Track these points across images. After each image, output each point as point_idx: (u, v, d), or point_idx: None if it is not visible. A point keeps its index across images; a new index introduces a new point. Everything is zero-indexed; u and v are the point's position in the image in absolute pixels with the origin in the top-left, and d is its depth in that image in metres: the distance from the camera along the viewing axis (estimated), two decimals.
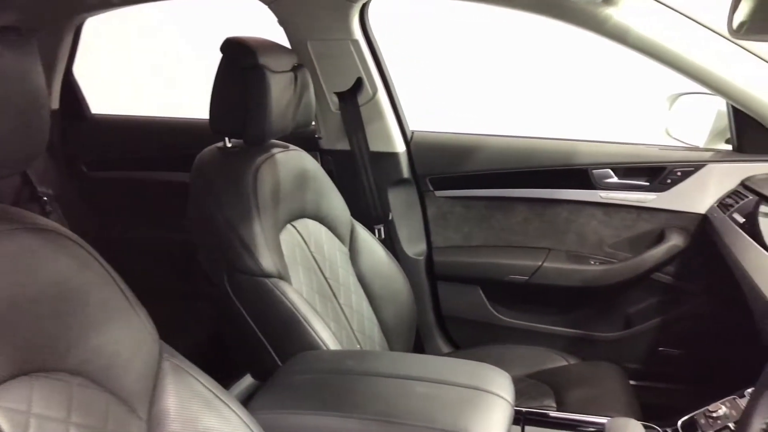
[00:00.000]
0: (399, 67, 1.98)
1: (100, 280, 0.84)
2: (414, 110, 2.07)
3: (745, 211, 1.55)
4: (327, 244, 1.63)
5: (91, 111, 2.38)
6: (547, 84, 3.01)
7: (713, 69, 1.57)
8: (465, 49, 3.05)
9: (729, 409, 1.14)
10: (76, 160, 2.34)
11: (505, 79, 3.08)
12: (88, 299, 0.81)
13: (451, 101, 3.00)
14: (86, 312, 0.80)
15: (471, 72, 3.09)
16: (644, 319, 1.91)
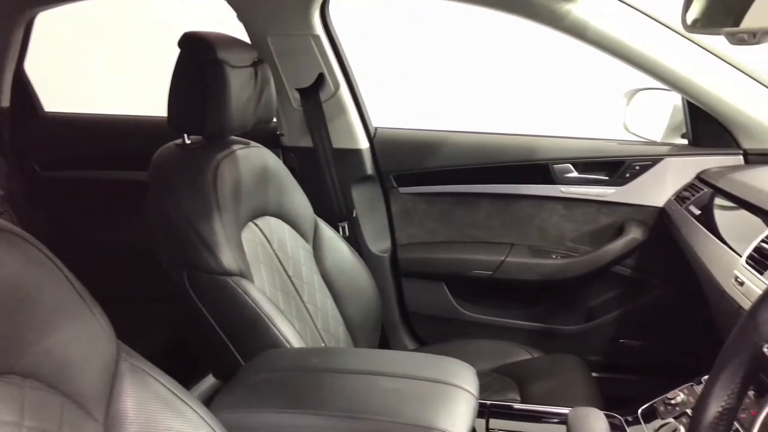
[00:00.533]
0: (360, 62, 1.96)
1: (53, 279, 0.81)
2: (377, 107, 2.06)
3: (700, 203, 1.59)
4: (290, 242, 1.61)
5: (44, 109, 2.31)
6: (506, 80, 3.03)
7: (669, 65, 1.60)
8: (427, 46, 3.06)
9: (687, 396, 1.17)
10: (28, 159, 2.27)
11: (466, 76, 3.09)
12: (40, 299, 0.78)
13: (414, 98, 3.01)
14: (38, 312, 0.77)
15: (435, 69, 3.10)
16: (605, 311, 1.95)
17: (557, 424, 1.18)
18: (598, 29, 1.57)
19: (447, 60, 3.07)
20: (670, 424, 1.10)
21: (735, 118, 1.66)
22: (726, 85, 1.62)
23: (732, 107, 1.64)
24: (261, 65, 1.47)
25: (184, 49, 1.36)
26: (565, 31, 1.61)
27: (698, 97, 1.65)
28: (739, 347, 0.72)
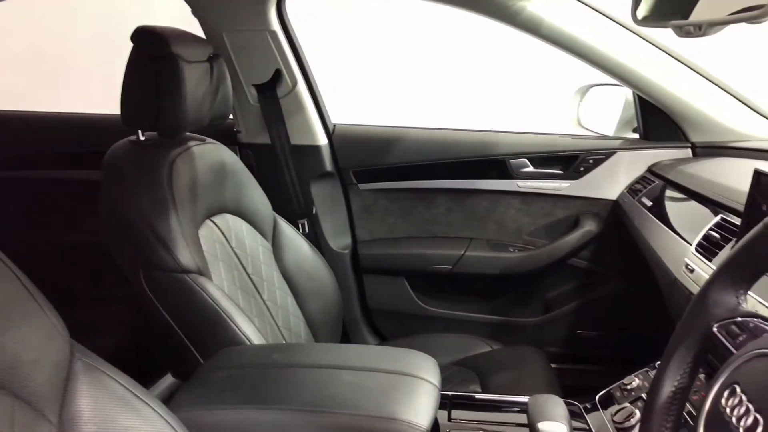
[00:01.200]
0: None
1: (1, 278, 0.79)
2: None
3: (652, 195, 1.64)
4: (249, 239, 1.59)
5: None
6: (460, 78, 3.06)
7: (621, 60, 1.65)
8: (381, 41, 3.07)
9: (642, 381, 1.20)
10: None
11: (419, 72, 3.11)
12: None
13: (370, 94, 3.01)
14: None
15: (389, 65, 3.10)
16: (562, 303, 1.98)
17: (518, 413, 1.20)
18: (553, 26, 1.60)
19: (406, 57, 3.07)
20: (626, 408, 1.13)
21: (684, 113, 1.72)
22: (675, 80, 1.67)
23: (681, 102, 1.69)
24: (217, 60, 1.45)
25: (137, 44, 1.33)
26: (521, 27, 1.64)
27: (649, 92, 1.70)
28: (690, 328, 0.74)
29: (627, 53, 1.64)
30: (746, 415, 0.56)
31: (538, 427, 0.99)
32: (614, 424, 1.12)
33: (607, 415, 1.17)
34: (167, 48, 1.29)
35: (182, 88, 1.30)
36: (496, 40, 2.72)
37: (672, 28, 0.95)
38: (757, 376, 0.58)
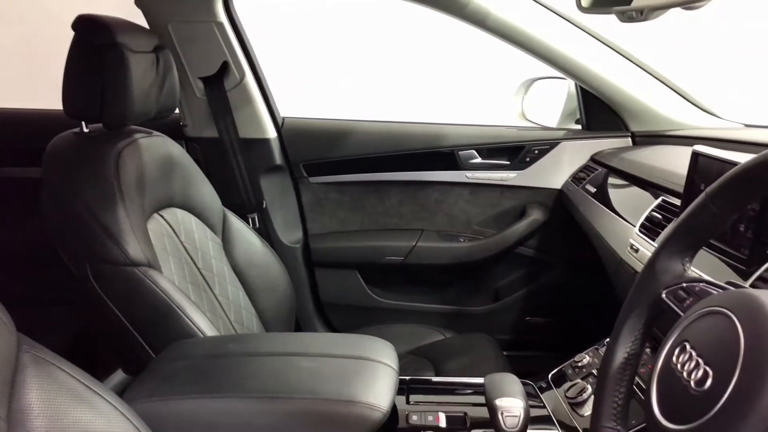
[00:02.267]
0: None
1: None
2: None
3: (596, 182, 1.69)
4: (198, 234, 1.57)
5: None
6: (406, 71, 3.09)
7: (565, 53, 1.69)
8: (325, 35, 3.06)
9: (592, 358, 1.24)
10: None
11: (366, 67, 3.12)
12: None
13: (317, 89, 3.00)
14: None
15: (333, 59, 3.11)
16: (511, 291, 2.03)
17: (474, 395, 1.21)
18: (499, 18, 1.64)
19: (354, 50, 3.08)
20: (578, 384, 1.16)
21: (624, 104, 1.78)
22: (616, 73, 1.73)
23: (621, 93, 1.76)
24: (162, 51, 1.42)
25: (79, 33, 1.29)
26: (467, 19, 1.66)
27: (591, 84, 1.76)
28: (640, 296, 0.78)
29: (570, 46, 1.70)
30: (696, 369, 0.59)
31: (496, 403, 1.01)
32: (567, 400, 1.15)
33: (560, 392, 1.20)
34: (112, 37, 1.25)
35: (129, 79, 1.26)
36: (441, 36, 2.76)
37: (615, 14, 0.98)
38: (705, 333, 0.61)
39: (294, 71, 2.81)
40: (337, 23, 3.02)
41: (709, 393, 0.56)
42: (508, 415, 0.99)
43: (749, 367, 0.53)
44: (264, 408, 0.99)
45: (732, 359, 0.55)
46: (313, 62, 3.06)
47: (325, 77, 3.07)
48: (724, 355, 0.56)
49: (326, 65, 3.10)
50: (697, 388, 0.57)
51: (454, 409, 1.15)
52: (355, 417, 0.98)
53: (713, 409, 0.54)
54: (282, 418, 0.98)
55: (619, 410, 0.75)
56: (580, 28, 1.69)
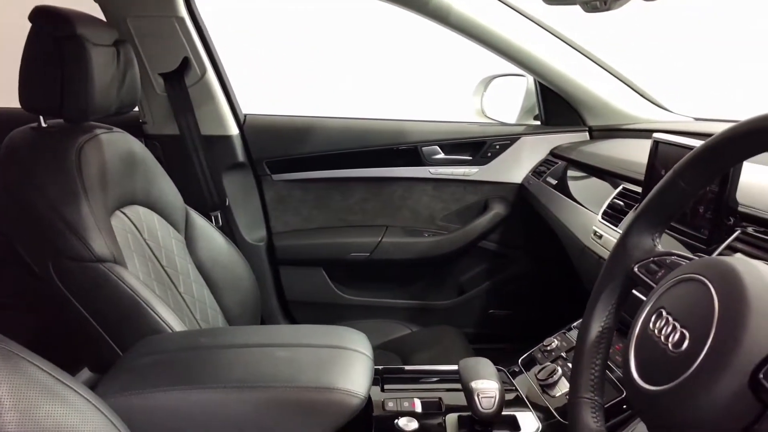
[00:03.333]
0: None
1: None
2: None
3: (556, 175, 1.74)
4: (161, 231, 1.54)
5: None
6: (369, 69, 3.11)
7: (525, 49, 1.74)
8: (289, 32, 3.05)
9: (560, 341, 1.28)
10: None
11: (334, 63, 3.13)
12: None
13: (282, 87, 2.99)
14: None
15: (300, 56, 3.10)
16: (474, 285, 2.06)
17: (447, 382, 1.23)
18: (461, 14, 1.66)
19: (317, 47, 3.07)
20: (548, 367, 1.19)
21: (581, 99, 1.84)
22: (574, 69, 1.79)
23: (579, 89, 1.81)
24: (123, 45, 1.39)
25: (37, 24, 1.25)
26: (429, 15, 1.69)
27: (551, 80, 1.81)
28: (613, 272, 0.81)
29: (530, 43, 1.74)
30: (673, 332, 0.61)
31: (472, 385, 1.03)
32: (539, 382, 1.18)
33: (531, 375, 1.23)
34: (72, 28, 1.23)
35: (90, 71, 1.24)
36: (402, 34, 2.79)
37: (579, 4, 1.02)
38: (680, 298, 0.64)
39: (256, 68, 2.78)
40: (303, 20, 3.01)
41: (686, 353, 0.59)
42: (484, 396, 1.01)
43: (723, 326, 0.56)
44: (242, 397, 0.98)
45: (707, 321, 0.58)
46: (278, 59, 3.05)
47: (290, 74, 3.06)
48: (700, 317, 0.59)
49: (292, 62, 3.09)
50: (675, 350, 0.60)
51: (428, 395, 1.16)
52: (333, 403, 0.98)
53: (691, 367, 0.57)
54: (261, 407, 0.97)
55: (596, 382, 0.77)
56: (540, 25, 1.74)
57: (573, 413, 0.76)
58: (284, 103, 2.22)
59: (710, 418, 0.55)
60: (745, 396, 0.53)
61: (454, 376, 1.24)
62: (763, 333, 0.54)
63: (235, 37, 2.26)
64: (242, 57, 2.15)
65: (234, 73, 1.95)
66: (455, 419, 1.08)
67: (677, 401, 0.58)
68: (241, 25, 2.65)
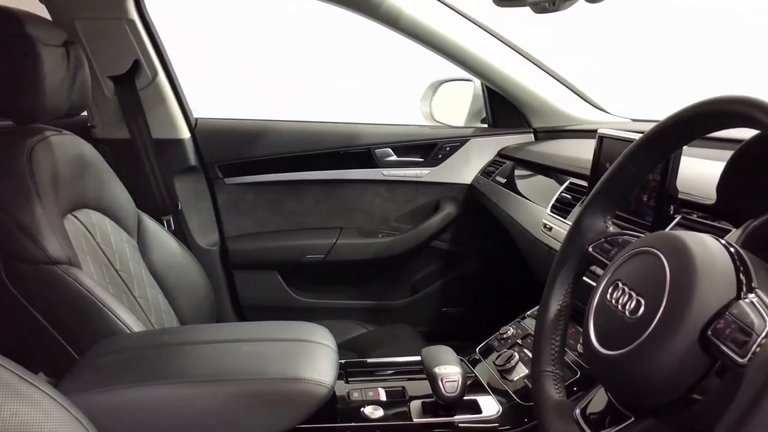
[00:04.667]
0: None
1: None
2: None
3: (504, 174, 1.81)
4: (114, 236, 1.52)
5: None
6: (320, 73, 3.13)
7: (474, 53, 1.80)
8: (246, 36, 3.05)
9: (515, 329, 1.33)
10: None
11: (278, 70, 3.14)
12: None
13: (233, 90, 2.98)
14: None
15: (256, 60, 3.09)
16: (428, 284, 2.11)
17: (409, 372, 1.26)
18: (411, 18, 1.71)
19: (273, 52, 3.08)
20: (505, 353, 1.24)
21: (526, 102, 1.92)
22: (519, 73, 1.86)
23: (524, 92, 1.89)
24: (73, 46, 1.37)
25: None
26: (380, 19, 1.73)
27: (497, 84, 1.88)
28: (568, 252, 0.86)
29: (478, 48, 1.81)
30: (630, 300, 0.66)
31: (435, 371, 1.06)
32: (497, 368, 1.23)
33: (489, 362, 1.28)
34: (21, 27, 1.20)
35: (41, 72, 1.22)
36: (348, 43, 2.83)
37: (529, 5, 1.07)
38: (635, 270, 0.69)
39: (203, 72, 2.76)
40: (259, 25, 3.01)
41: (642, 319, 0.64)
42: (448, 380, 1.05)
43: (675, 292, 0.62)
44: (210, 391, 0.99)
45: (660, 288, 0.63)
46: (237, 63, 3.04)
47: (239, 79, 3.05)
48: (653, 285, 0.64)
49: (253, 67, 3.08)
50: (632, 316, 0.65)
51: (392, 385, 1.19)
52: (301, 394, 1.00)
53: (647, 330, 0.62)
54: (230, 400, 0.98)
55: (556, 356, 0.82)
56: (487, 31, 1.81)
57: (536, 385, 0.81)
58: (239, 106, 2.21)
59: (666, 375, 0.60)
60: (696, 352, 0.59)
61: (415, 367, 1.27)
62: (711, 295, 0.59)
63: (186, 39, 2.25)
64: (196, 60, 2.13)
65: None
66: (419, 405, 1.12)
67: (636, 362, 0.63)
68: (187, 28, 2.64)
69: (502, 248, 1.88)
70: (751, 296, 0.58)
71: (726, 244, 0.64)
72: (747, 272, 0.61)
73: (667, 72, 2.52)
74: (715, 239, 0.65)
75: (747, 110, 0.63)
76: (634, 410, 0.67)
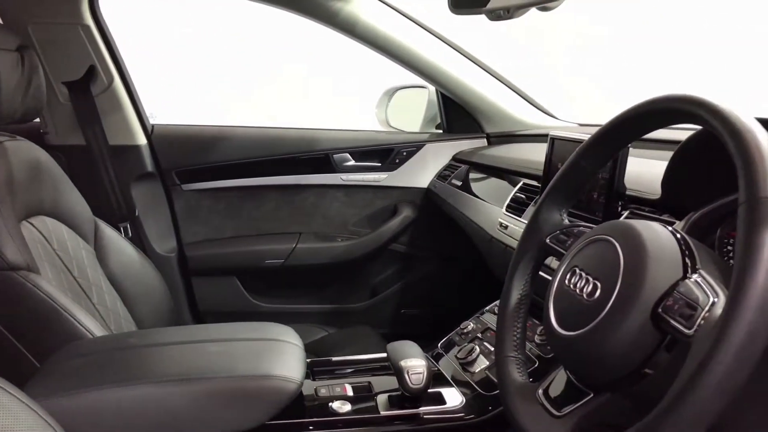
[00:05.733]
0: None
1: None
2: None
3: (460, 177, 1.87)
4: (71, 242, 1.50)
5: None
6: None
7: (430, 61, 1.86)
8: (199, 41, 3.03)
9: (475, 324, 1.38)
10: None
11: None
12: None
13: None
14: None
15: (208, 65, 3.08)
16: (386, 286, 2.14)
17: (374, 369, 1.29)
18: (368, 26, 1.76)
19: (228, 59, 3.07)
20: (466, 347, 1.29)
21: (480, 108, 1.99)
22: (472, 80, 1.93)
23: (478, 99, 1.96)
24: (27, 51, 1.36)
25: None
26: (338, 27, 1.77)
27: (452, 90, 1.94)
28: (527, 244, 0.91)
29: (434, 56, 1.86)
30: (587, 284, 0.72)
31: (401, 364, 1.10)
32: (458, 361, 1.27)
33: (451, 356, 1.32)
34: None
35: None
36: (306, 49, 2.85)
37: (485, 13, 1.13)
38: (591, 256, 0.74)
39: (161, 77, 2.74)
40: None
41: (599, 300, 0.69)
42: (414, 373, 1.08)
43: (628, 274, 0.67)
44: (180, 391, 0.99)
45: (615, 271, 0.68)
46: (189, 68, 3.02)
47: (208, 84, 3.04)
48: (608, 269, 0.70)
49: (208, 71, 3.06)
50: (589, 299, 0.70)
51: (358, 380, 1.22)
52: (271, 390, 1.02)
53: (604, 311, 0.67)
54: (199, 399, 0.99)
55: (518, 341, 0.87)
56: (441, 39, 1.87)
57: (500, 369, 0.85)
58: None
59: (621, 351, 0.65)
60: (648, 329, 0.64)
61: (379, 364, 1.31)
62: (660, 276, 0.65)
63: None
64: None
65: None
66: (386, 399, 1.15)
67: (593, 341, 0.68)
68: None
69: (459, 249, 1.94)
70: (696, 276, 0.64)
71: (673, 230, 0.70)
72: (692, 255, 0.66)
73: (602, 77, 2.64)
74: (663, 227, 0.71)
75: (688, 107, 0.69)
76: (593, 386, 0.72)
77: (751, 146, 0.59)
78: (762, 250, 0.54)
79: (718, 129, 0.63)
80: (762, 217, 0.55)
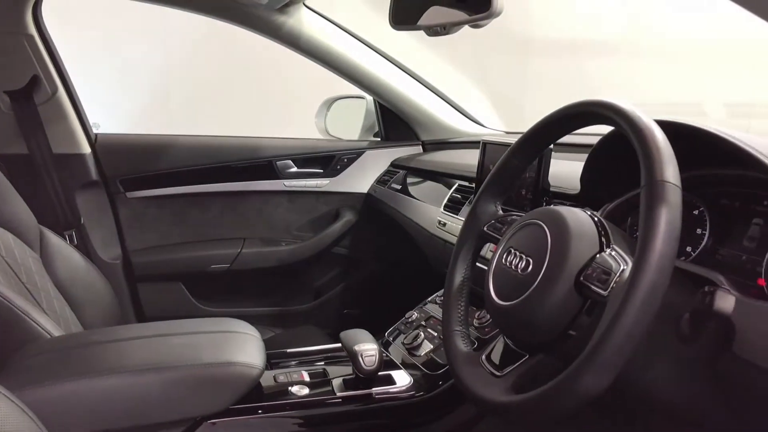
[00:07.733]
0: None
1: None
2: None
3: (399, 182, 1.99)
4: (17, 250, 1.51)
5: None
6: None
7: (369, 73, 1.97)
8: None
9: (419, 313, 1.49)
10: None
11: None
12: None
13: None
14: None
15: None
16: (329, 288, 2.23)
17: (327, 359, 1.38)
18: (311, 38, 1.86)
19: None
20: (412, 333, 1.40)
21: (415, 117, 2.12)
22: (408, 90, 2.05)
23: (413, 108, 2.08)
24: None
25: None
26: (281, 39, 1.86)
27: (390, 100, 2.06)
28: (467, 233, 1.03)
29: (371, 67, 1.98)
30: (520, 261, 0.84)
31: (355, 348, 1.19)
32: (405, 347, 1.38)
33: (398, 343, 1.42)
34: None
35: None
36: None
37: (423, 29, 1.25)
38: (524, 238, 0.87)
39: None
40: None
41: (531, 274, 0.81)
42: (367, 356, 1.18)
43: (555, 250, 0.80)
44: (151, 379, 1.05)
45: (543, 249, 0.81)
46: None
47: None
48: (538, 248, 0.82)
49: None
50: (522, 273, 0.82)
51: (314, 368, 1.30)
52: (236, 376, 1.09)
53: (535, 282, 0.79)
54: (169, 387, 1.05)
55: (462, 318, 0.98)
56: (377, 52, 1.98)
57: (448, 342, 0.96)
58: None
59: (550, 316, 0.78)
60: (572, 296, 0.76)
61: (332, 354, 1.40)
62: (582, 251, 0.78)
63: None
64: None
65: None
66: (341, 382, 1.24)
67: (527, 308, 0.80)
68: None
69: (399, 250, 2.05)
70: (609, 250, 0.77)
71: (591, 214, 0.83)
72: (606, 234, 0.80)
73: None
74: (583, 211, 0.84)
75: (600, 110, 0.83)
76: (527, 349, 0.84)
77: (650, 140, 0.73)
78: (659, 222, 0.68)
79: (624, 127, 0.77)
80: (658, 196, 0.69)
